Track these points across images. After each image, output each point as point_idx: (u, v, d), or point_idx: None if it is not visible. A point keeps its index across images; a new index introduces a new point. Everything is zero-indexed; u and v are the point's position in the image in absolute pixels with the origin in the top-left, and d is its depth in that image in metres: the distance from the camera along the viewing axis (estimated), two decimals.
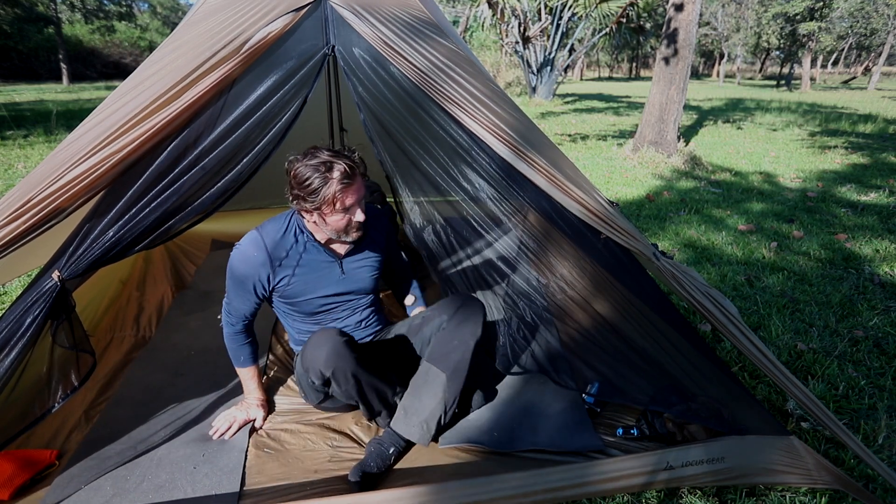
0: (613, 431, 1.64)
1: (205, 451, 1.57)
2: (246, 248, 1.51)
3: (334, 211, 1.41)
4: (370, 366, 1.52)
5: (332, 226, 1.46)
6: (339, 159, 1.37)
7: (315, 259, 1.57)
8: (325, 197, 1.37)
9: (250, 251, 1.50)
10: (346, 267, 1.63)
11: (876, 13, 21.85)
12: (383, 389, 1.58)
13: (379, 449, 1.50)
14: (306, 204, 1.39)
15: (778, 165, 6.15)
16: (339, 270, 1.61)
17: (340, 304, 1.67)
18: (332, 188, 1.36)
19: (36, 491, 1.42)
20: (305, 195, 1.38)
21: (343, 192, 1.38)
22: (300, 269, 1.55)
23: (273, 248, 1.51)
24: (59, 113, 10.11)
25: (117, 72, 26.81)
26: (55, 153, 1.32)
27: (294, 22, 1.34)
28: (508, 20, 13.82)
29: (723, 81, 30.18)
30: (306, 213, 1.46)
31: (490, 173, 1.55)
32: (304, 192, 1.37)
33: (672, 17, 6.05)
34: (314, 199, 1.37)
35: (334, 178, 1.36)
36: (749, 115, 11.59)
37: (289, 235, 1.54)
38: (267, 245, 1.50)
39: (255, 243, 1.50)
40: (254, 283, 1.53)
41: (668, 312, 1.53)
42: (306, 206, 1.40)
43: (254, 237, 1.51)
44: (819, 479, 1.45)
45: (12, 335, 1.24)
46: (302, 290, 1.58)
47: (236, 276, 1.52)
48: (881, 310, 2.57)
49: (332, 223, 1.45)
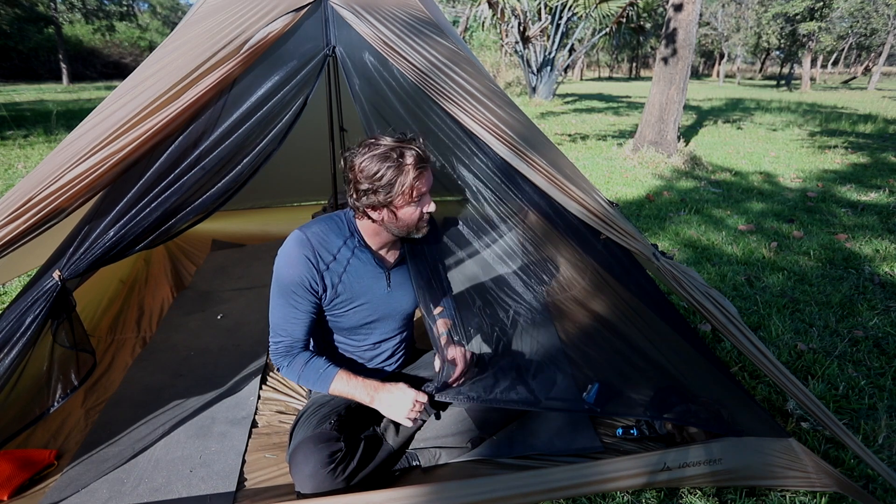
0: (613, 432, 1.64)
1: (203, 452, 1.57)
2: (290, 249, 1.37)
3: (409, 202, 1.30)
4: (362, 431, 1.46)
5: (403, 221, 1.34)
6: (408, 144, 1.27)
7: (363, 267, 1.44)
8: (402, 186, 1.26)
9: (296, 251, 1.36)
10: (394, 280, 1.51)
11: (876, 13, 21.84)
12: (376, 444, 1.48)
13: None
14: (378, 198, 1.27)
15: (778, 165, 6.15)
16: (385, 283, 1.49)
17: (381, 320, 1.54)
18: (409, 176, 1.25)
19: (35, 491, 1.42)
20: (378, 188, 1.26)
21: (418, 179, 1.27)
22: (347, 275, 1.42)
23: (319, 248, 1.38)
24: (59, 113, 10.11)
25: (117, 72, 26.82)
26: (55, 153, 1.32)
27: (294, 22, 1.33)
28: (508, 20, 13.83)
29: (723, 81, 30.18)
30: (374, 212, 1.33)
31: (490, 173, 1.55)
32: (376, 185, 1.25)
33: (672, 17, 6.05)
34: (389, 191, 1.26)
35: (409, 165, 1.25)
36: (749, 115, 11.59)
37: (336, 237, 1.41)
38: (313, 243, 1.37)
39: (300, 242, 1.37)
40: (306, 286, 1.37)
41: (668, 313, 1.53)
42: (378, 200, 1.28)
43: (297, 236, 1.38)
44: (818, 481, 1.45)
45: (13, 334, 1.24)
46: (348, 300, 1.45)
47: (284, 283, 1.37)
48: (881, 310, 2.57)
49: (405, 217, 1.33)
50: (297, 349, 1.45)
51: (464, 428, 1.54)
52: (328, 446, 1.34)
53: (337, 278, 1.41)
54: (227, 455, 1.56)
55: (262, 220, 3.30)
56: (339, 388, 1.42)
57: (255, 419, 1.74)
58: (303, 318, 1.41)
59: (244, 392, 1.87)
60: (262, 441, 1.64)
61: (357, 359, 1.61)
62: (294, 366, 1.44)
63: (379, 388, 1.41)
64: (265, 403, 1.82)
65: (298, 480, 1.33)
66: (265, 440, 1.64)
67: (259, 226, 3.25)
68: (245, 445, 1.60)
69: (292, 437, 1.46)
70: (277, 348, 1.45)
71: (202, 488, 1.44)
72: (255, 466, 1.53)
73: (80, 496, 1.40)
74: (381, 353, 1.61)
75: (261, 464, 1.54)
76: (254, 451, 1.59)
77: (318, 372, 1.42)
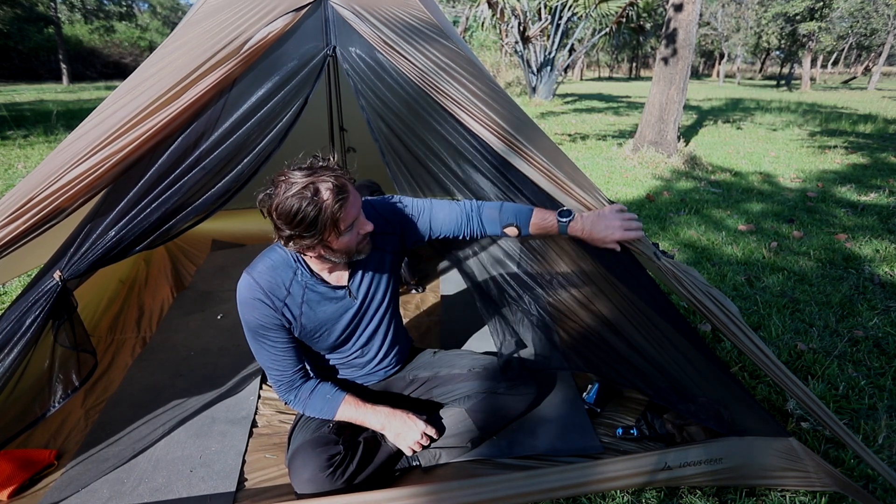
0: (613, 432, 1.64)
1: (203, 452, 1.57)
2: (243, 296, 1.32)
3: (341, 234, 1.22)
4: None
5: (341, 250, 1.27)
6: (320, 176, 1.16)
7: (319, 293, 1.39)
8: (324, 225, 1.17)
9: (248, 297, 1.32)
10: (356, 285, 1.45)
11: (876, 13, 21.83)
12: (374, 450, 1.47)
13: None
14: (305, 241, 1.20)
15: (778, 165, 6.15)
16: (347, 298, 1.43)
17: (357, 328, 1.50)
18: (329, 211, 1.15)
19: (35, 491, 1.42)
20: (301, 232, 1.17)
21: (343, 210, 1.18)
22: (306, 306, 1.37)
23: (270, 287, 1.32)
24: (59, 113, 10.12)
25: (117, 72, 26.82)
26: (56, 153, 1.32)
27: (294, 22, 1.34)
28: (508, 20, 13.82)
29: (723, 81, 30.18)
30: (308, 251, 1.26)
31: (491, 173, 1.55)
32: (298, 230, 1.16)
33: (672, 17, 6.05)
34: (313, 232, 1.17)
35: (327, 201, 1.15)
36: (749, 115, 11.58)
37: (284, 269, 1.35)
38: (262, 285, 1.31)
39: (249, 287, 1.32)
40: (271, 325, 1.34)
41: (668, 312, 1.53)
42: (306, 243, 1.20)
43: (245, 281, 1.33)
44: (818, 481, 1.45)
45: (14, 334, 1.24)
46: (315, 328, 1.41)
47: (252, 328, 1.35)
48: (881, 310, 2.57)
49: (342, 247, 1.26)
50: (298, 381, 1.44)
51: (464, 428, 1.54)
52: (326, 450, 1.34)
53: (298, 310, 1.37)
54: (227, 455, 1.56)
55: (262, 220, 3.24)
56: (346, 413, 1.44)
57: (255, 419, 1.74)
58: (286, 353, 1.40)
59: (244, 392, 1.87)
60: (262, 441, 1.64)
61: (351, 368, 1.60)
62: (300, 398, 1.45)
63: (390, 415, 1.45)
64: (265, 403, 1.82)
65: (297, 485, 1.33)
66: (265, 440, 1.64)
67: (259, 226, 3.25)
68: (245, 445, 1.60)
69: (291, 441, 1.46)
70: (279, 387, 1.45)
71: (202, 488, 1.44)
72: (255, 466, 1.53)
73: (80, 496, 1.40)
74: (373, 361, 1.59)
75: (261, 464, 1.54)
76: (254, 451, 1.59)
77: (325, 398, 1.44)
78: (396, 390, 1.67)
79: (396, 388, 1.67)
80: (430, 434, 1.45)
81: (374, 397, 1.57)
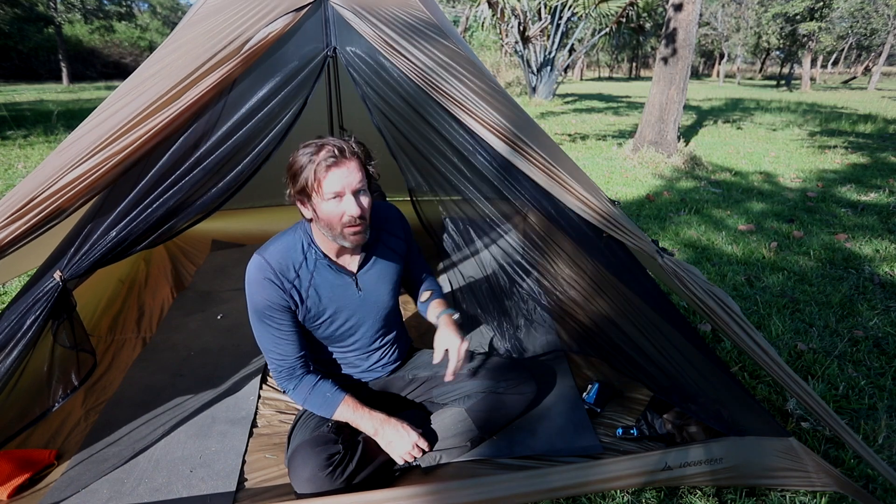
0: (613, 432, 1.64)
1: (203, 452, 1.57)
2: (252, 275, 1.36)
3: (323, 197, 1.25)
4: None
5: (325, 219, 1.29)
6: (331, 140, 1.26)
7: (328, 278, 1.43)
8: (308, 177, 1.23)
9: (258, 276, 1.36)
10: (364, 283, 1.49)
11: (876, 13, 21.83)
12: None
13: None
14: (294, 188, 1.28)
15: (778, 165, 6.15)
16: (354, 289, 1.47)
17: (361, 325, 1.53)
18: (314, 166, 1.22)
19: (35, 491, 1.42)
20: (295, 178, 1.26)
21: (326, 171, 1.22)
22: (313, 289, 1.41)
23: (280, 268, 1.36)
24: (59, 113, 10.11)
25: (117, 72, 26.84)
26: (56, 153, 1.32)
27: (294, 22, 1.33)
28: (508, 20, 13.82)
29: (723, 81, 30.18)
30: (304, 209, 1.32)
31: (492, 172, 1.55)
32: (292, 175, 1.27)
33: (672, 17, 6.05)
34: (298, 181, 1.25)
35: (319, 158, 1.23)
36: (749, 115, 11.58)
37: (295, 252, 1.39)
38: (272, 265, 1.36)
39: (259, 266, 1.36)
40: (278, 306, 1.37)
41: (669, 312, 1.53)
42: (294, 190, 1.28)
43: (256, 261, 1.37)
44: (818, 481, 1.45)
45: (14, 334, 1.24)
46: (320, 312, 1.45)
47: (258, 308, 1.38)
48: (881, 310, 2.57)
49: (325, 215, 1.28)
50: (299, 370, 1.45)
51: (464, 428, 1.54)
52: (326, 449, 1.34)
53: (304, 293, 1.41)
54: (227, 455, 1.56)
55: (262, 220, 3.29)
56: (344, 414, 1.44)
57: (255, 419, 1.74)
58: (289, 337, 1.42)
59: (244, 392, 1.87)
60: (262, 441, 1.64)
61: (351, 366, 1.61)
62: (301, 390, 1.45)
63: (384, 422, 1.45)
64: (265, 403, 1.82)
65: (297, 484, 1.33)
66: (265, 440, 1.64)
67: (259, 226, 3.25)
68: (245, 445, 1.60)
69: (290, 440, 1.46)
70: (280, 373, 1.45)
71: (202, 488, 1.44)
72: (255, 466, 1.53)
73: (80, 496, 1.40)
74: (373, 358, 1.61)
75: (261, 464, 1.54)
76: (254, 451, 1.59)
77: (325, 396, 1.44)
78: (395, 390, 1.67)
79: (396, 387, 1.67)
80: (422, 446, 1.45)
81: (373, 397, 1.57)
